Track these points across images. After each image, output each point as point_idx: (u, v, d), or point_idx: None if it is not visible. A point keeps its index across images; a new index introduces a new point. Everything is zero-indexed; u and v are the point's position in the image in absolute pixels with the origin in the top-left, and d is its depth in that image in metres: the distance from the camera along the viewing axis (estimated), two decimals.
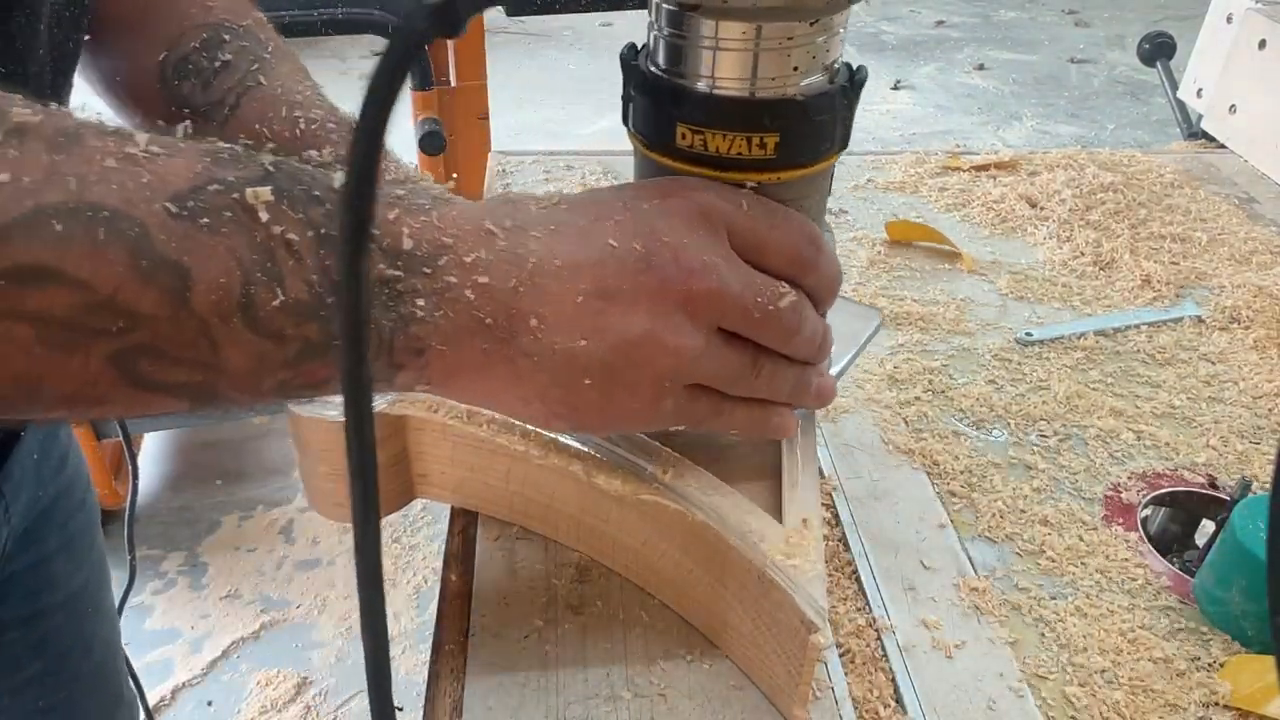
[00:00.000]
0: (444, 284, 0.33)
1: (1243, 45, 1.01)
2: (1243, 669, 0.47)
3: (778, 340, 0.40)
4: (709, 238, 0.38)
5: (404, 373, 0.34)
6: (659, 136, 0.41)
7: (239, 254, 0.29)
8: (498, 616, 0.48)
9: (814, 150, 0.41)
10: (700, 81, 0.39)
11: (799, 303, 0.40)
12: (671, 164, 0.41)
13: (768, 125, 0.39)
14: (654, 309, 0.36)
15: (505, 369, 0.36)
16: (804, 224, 0.41)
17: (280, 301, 0.30)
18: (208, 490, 1.94)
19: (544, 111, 3.64)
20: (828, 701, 0.45)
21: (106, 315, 0.28)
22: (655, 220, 0.37)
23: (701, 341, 0.38)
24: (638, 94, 0.42)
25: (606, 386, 0.37)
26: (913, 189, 0.95)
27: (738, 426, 0.42)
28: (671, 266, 0.36)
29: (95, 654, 0.72)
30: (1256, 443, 0.63)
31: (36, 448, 0.62)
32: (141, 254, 0.28)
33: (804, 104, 0.39)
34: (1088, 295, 0.78)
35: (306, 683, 1.57)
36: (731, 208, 0.39)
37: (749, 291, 0.38)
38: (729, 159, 0.40)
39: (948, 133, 3.64)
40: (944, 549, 0.54)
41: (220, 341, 0.30)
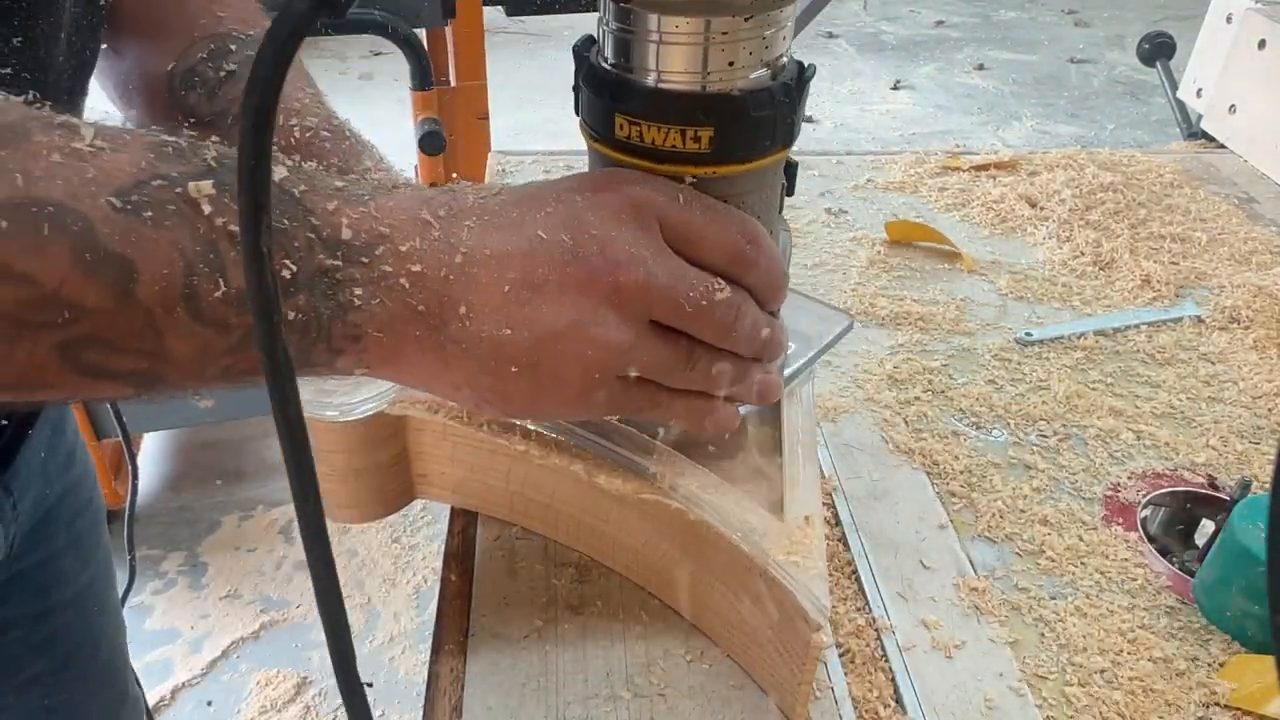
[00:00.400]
0: (380, 273, 0.34)
1: (1242, 45, 1.01)
2: (1243, 669, 0.47)
3: (713, 334, 0.40)
4: (639, 231, 0.38)
5: (343, 357, 0.35)
6: (602, 127, 0.42)
7: (182, 246, 0.30)
8: (498, 616, 0.48)
9: (752, 146, 0.41)
10: (643, 75, 0.40)
11: (733, 298, 0.40)
12: (613, 155, 0.42)
13: (702, 119, 0.39)
14: (580, 301, 0.37)
15: (436, 355, 0.36)
16: (742, 220, 0.41)
17: (222, 292, 0.31)
18: (208, 490, 1.94)
19: (544, 111, 3.64)
20: (828, 701, 0.45)
21: (52, 308, 0.29)
22: (585, 212, 0.38)
23: (630, 334, 0.38)
24: (584, 85, 0.42)
25: (533, 376, 0.37)
26: (913, 189, 0.95)
27: (676, 418, 0.42)
28: (598, 258, 0.37)
29: (102, 652, 0.72)
30: (1256, 443, 0.63)
31: (44, 445, 0.62)
32: (86, 248, 0.29)
33: (740, 99, 0.39)
34: (1088, 295, 0.78)
35: (306, 683, 1.57)
36: (665, 201, 0.39)
37: (679, 285, 0.38)
38: (665, 151, 0.40)
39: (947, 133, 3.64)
40: (944, 549, 0.54)
41: (165, 331, 0.31)
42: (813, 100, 4.48)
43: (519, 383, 0.37)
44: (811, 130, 3.66)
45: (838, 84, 4.04)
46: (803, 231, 0.86)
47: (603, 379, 0.38)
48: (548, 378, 0.37)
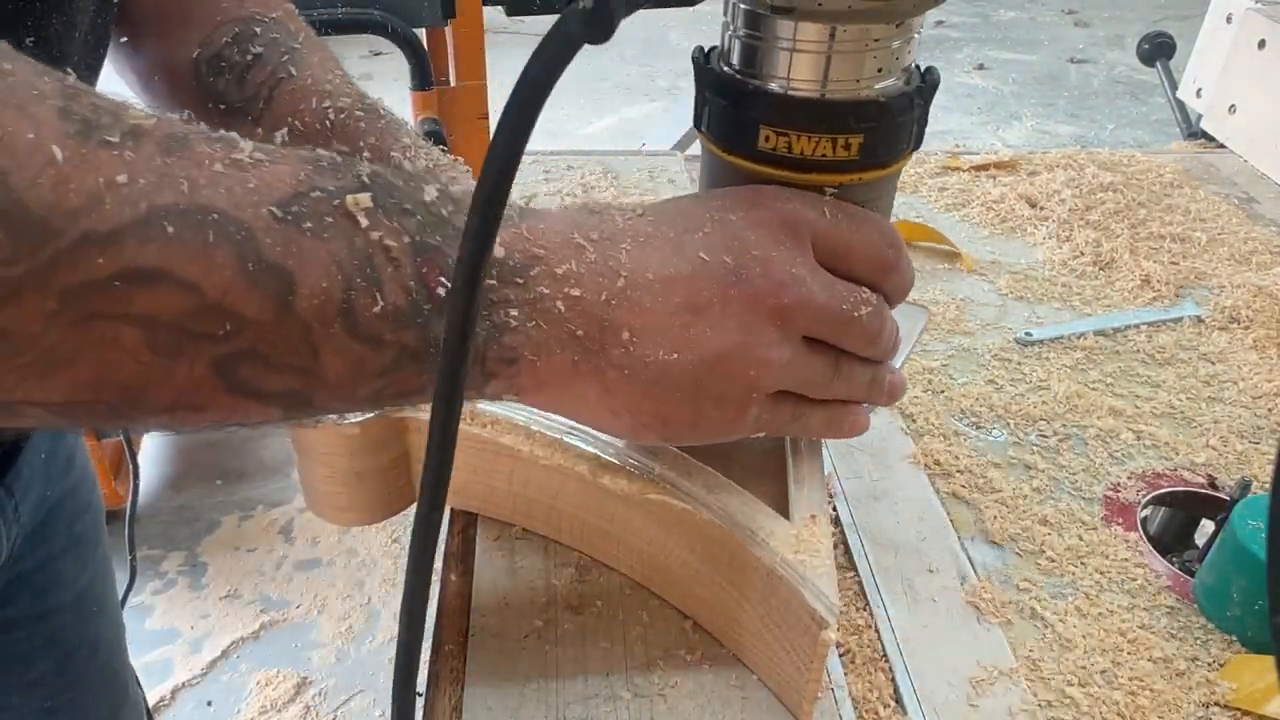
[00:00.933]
0: (536, 294, 0.34)
1: (1242, 45, 1.01)
2: (1243, 669, 0.47)
3: (860, 345, 0.40)
4: (795, 249, 0.38)
5: (495, 381, 0.35)
6: (739, 139, 0.41)
7: (340, 259, 0.30)
8: (498, 616, 0.48)
9: (894, 150, 0.41)
10: (781, 84, 0.40)
11: (881, 307, 0.40)
12: (752, 167, 0.41)
13: (852, 126, 0.39)
14: (745, 322, 0.37)
15: (595, 380, 0.36)
16: (884, 227, 0.41)
17: (380, 308, 0.30)
18: (208, 490, 1.94)
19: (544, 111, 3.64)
20: (828, 701, 0.45)
21: (214, 319, 0.28)
22: (743, 232, 0.38)
23: (789, 352, 0.38)
24: (714, 96, 0.41)
25: (696, 398, 0.37)
26: (913, 189, 0.95)
27: (815, 429, 0.42)
28: (761, 280, 0.37)
29: (101, 653, 0.72)
30: (1256, 443, 0.63)
31: (45, 447, 0.62)
32: (248, 257, 0.28)
33: (887, 104, 0.39)
34: (1088, 295, 0.78)
35: (306, 683, 1.57)
36: (815, 216, 0.39)
37: (834, 301, 0.38)
38: (812, 161, 0.40)
39: (948, 133, 3.63)
40: (944, 549, 0.54)
41: (321, 347, 0.30)
42: None
43: (681, 406, 0.37)
44: None
45: None
46: None
47: (758, 398, 0.39)
48: (710, 399, 0.38)
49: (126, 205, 0.26)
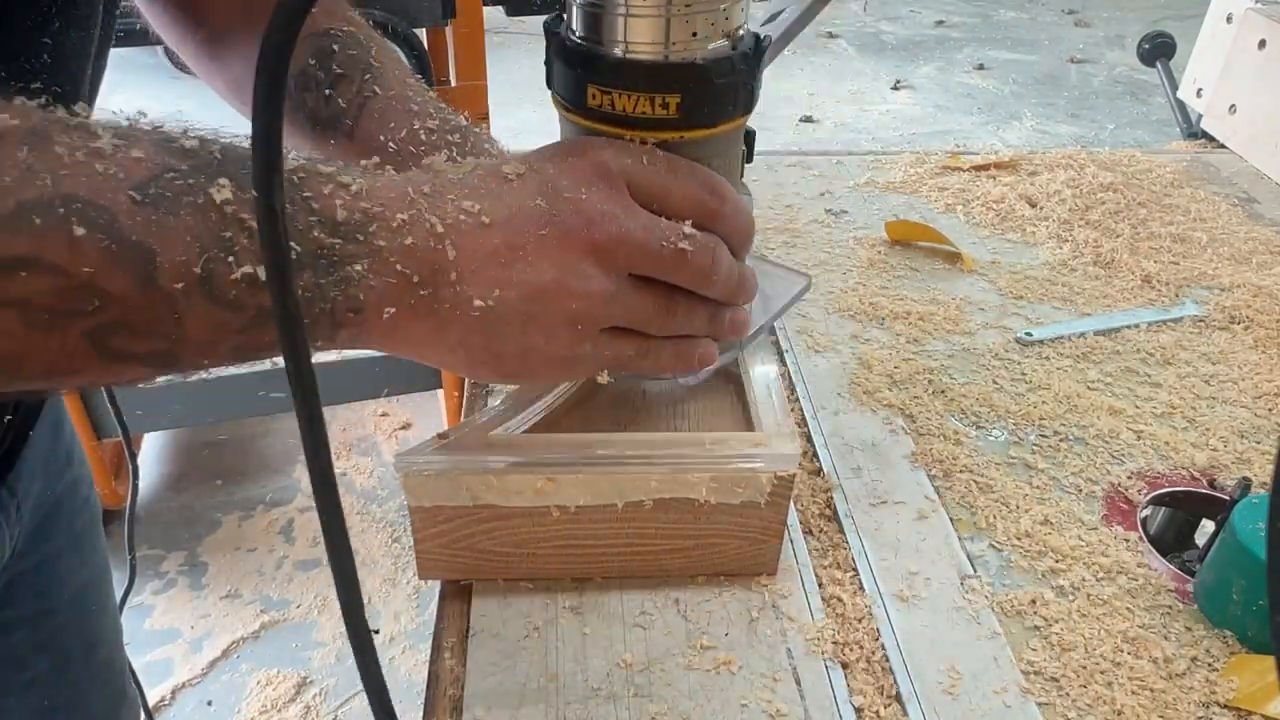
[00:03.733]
0: (374, 247, 0.37)
1: (1243, 45, 1.01)
2: (1243, 669, 0.47)
3: (691, 279, 0.43)
4: (608, 190, 0.41)
5: (345, 330, 0.38)
6: (574, 97, 0.44)
7: (198, 234, 0.32)
8: (498, 616, 0.48)
9: (716, 112, 0.44)
10: (612, 47, 0.43)
11: (710, 244, 0.43)
12: (585, 123, 0.45)
13: (670, 86, 0.42)
14: (560, 258, 0.40)
15: (431, 321, 0.39)
16: (704, 174, 0.44)
17: (236, 274, 0.33)
18: (208, 490, 1.94)
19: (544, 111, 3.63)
20: (828, 701, 0.45)
21: (82, 296, 0.31)
22: (557, 178, 0.41)
23: (611, 285, 0.41)
24: (555, 59, 0.45)
25: (522, 333, 0.40)
26: (913, 189, 0.95)
27: (664, 364, 0.46)
28: (573, 218, 0.40)
29: (100, 652, 0.72)
30: (1256, 443, 0.63)
31: (45, 446, 0.62)
32: (110, 239, 0.31)
33: (705, 67, 0.42)
34: (1088, 295, 0.78)
35: (306, 683, 1.57)
36: (630, 161, 0.42)
37: (652, 235, 0.41)
38: (635, 118, 0.43)
39: (948, 133, 3.64)
40: (944, 549, 0.54)
41: (184, 314, 0.33)
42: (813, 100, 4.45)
43: (510, 342, 0.40)
44: (811, 130, 3.66)
45: (838, 84, 4.04)
46: (802, 231, 0.86)
47: (586, 330, 0.41)
48: (536, 334, 0.40)
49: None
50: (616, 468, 0.46)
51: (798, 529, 0.54)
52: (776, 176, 0.97)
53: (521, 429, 0.49)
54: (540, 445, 0.47)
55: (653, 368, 0.45)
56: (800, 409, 0.64)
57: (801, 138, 3.60)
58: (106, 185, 0.31)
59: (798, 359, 0.69)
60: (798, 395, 0.65)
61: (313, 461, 0.30)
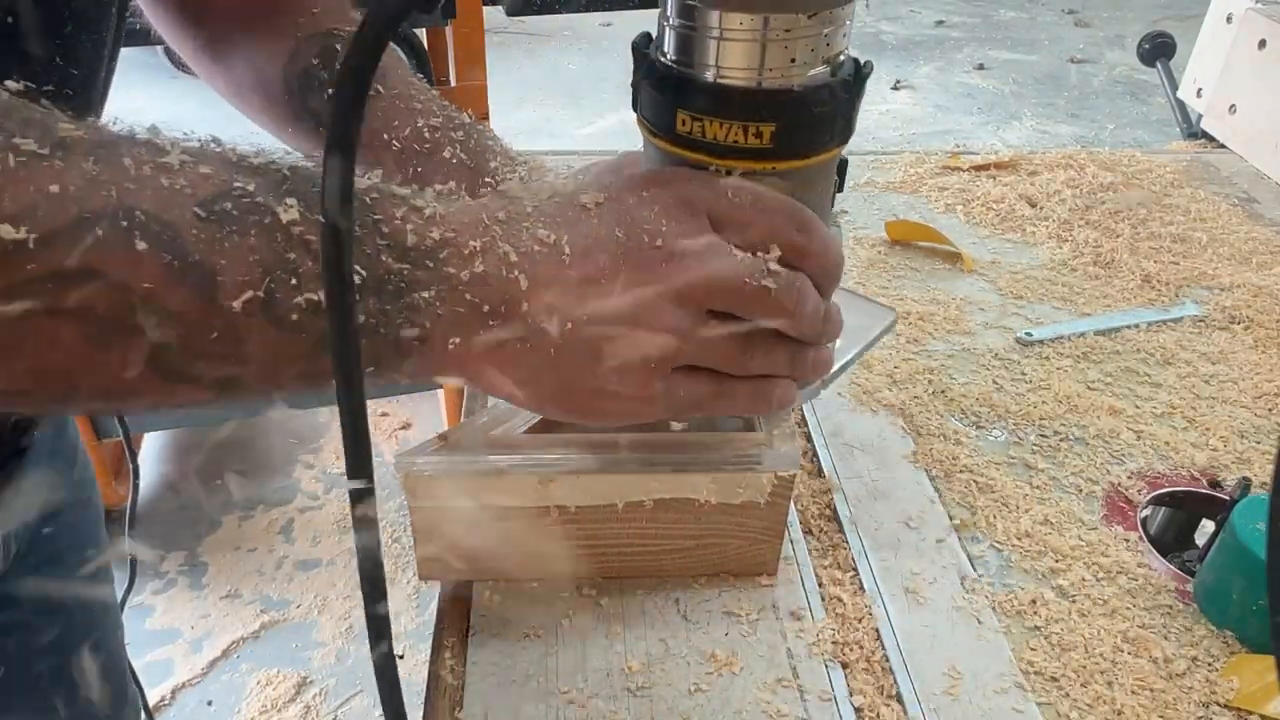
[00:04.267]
0: (444, 274, 0.35)
1: (1243, 45, 1.01)
2: (1243, 669, 0.47)
3: (775, 317, 0.41)
4: (690, 223, 0.39)
5: (410, 360, 0.36)
6: (661, 122, 0.42)
7: (261, 255, 0.32)
8: (498, 616, 0.48)
9: (811, 141, 0.41)
10: (704, 71, 0.41)
11: (795, 281, 0.40)
12: (673, 150, 0.42)
13: (764, 115, 0.40)
14: (635, 293, 0.38)
15: (500, 354, 0.38)
16: (791, 207, 0.41)
17: (299, 299, 0.32)
18: (208, 490, 1.94)
19: (544, 111, 3.64)
20: (828, 701, 0.45)
21: (142, 314, 0.30)
22: (637, 210, 0.39)
23: (687, 324, 0.39)
24: (644, 81, 0.43)
25: (593, 370, 0.39)
26: (913, 189, 0.95)
27: (740, 405, 0.43)
28: (650, 251, 0.38)
29: (101, 652, 0.73)
30: (1256, 443, 0.63)
31: (49, 445, 0.62)
32: (174, 255, 0.30)
33: (801, 95, 0.40)
34: (1088, 295, 0.78)
35: (306, 683, 1.57)
36: (712, 194, 0.40)
37: (731, 271, 0.39)
38: (725, 146, 0.41)
39: (948, 133, 3.64)
40: (944, 549, 0.54)
41: (244, 336, 0.32)
42: None
43: (581, 378, 0.39)
44: None
45: None
46: None
47: (659, 370, 0.39)
48: (608, 371, 0.39)
49: (58, 212, 0.28)
50: (617, 468, 0.46)
51: (798, 529, 0.54)
52: None
53: (521, 429, 0.49)
54: (540, 446, 0.47)
55: (728, 410, 0.43)
56: (800, 409, 0.64)
57: None
58: (172, 200, 0.30)
59: None
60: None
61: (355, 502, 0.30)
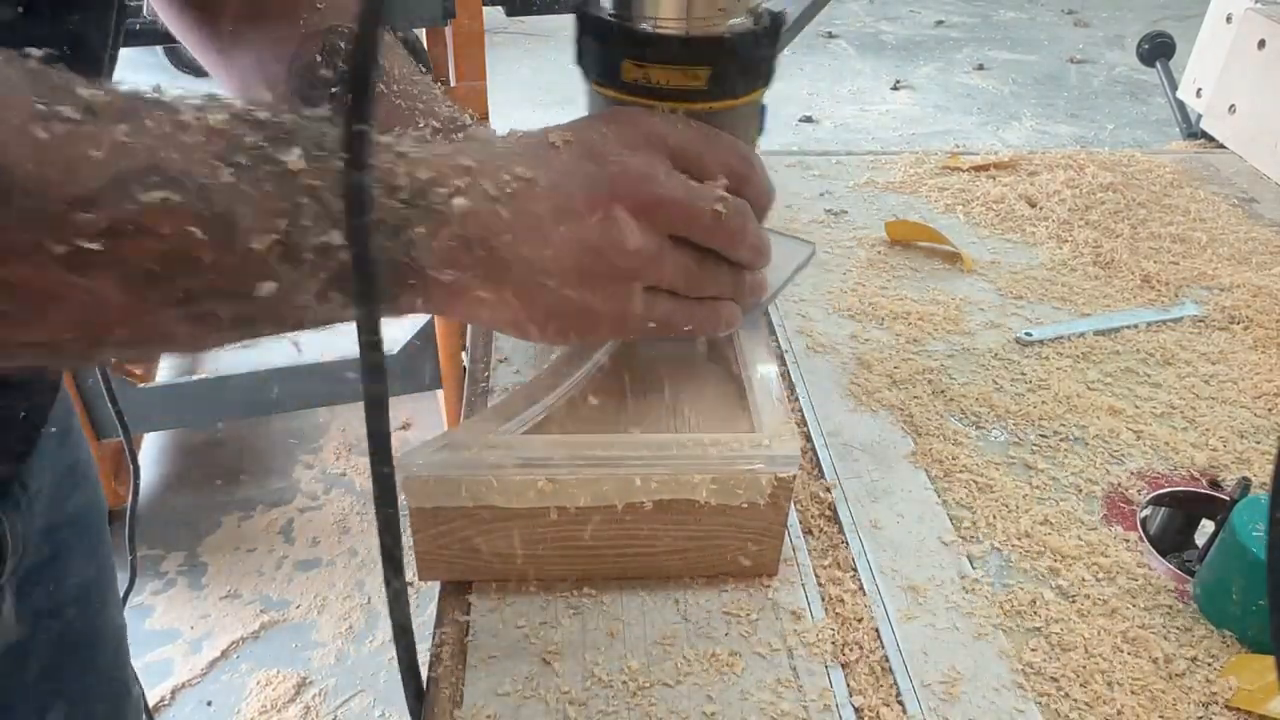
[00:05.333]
0: (434, 211, 0.38)
1: (1242, 45, 1.01)
2: (1243, 669, 0.47)
3: (724, 242, 0.46)
4: (651, 155, 0.44)
5: (407, 294, 0.39)
6: (608, 73, 0.47)
7: (276, 202, 0.34)
8: (498, 616, 0.48)
9: (741, 84, 0.47)
10: (645, 23, 0.46)
11: (741, 207, 0.45)
12: (619, 96, 0.47)
13: (700, 60, 0.45)
14: (609, 217, 0.42)
15: (491, 283, 0.41)
16: (734, 142, 0.47)
17: (313, 241, 0.35)
18: (208, 490, 1.94)
19: (544, 111, 3.64)
20: (828, 701, 0.45)
21: (176, 261, 0.32)
22: (603, 145, 0.43)
23: (655, 244, 0.44)
24: (587, 36, 0.48)
25: (578, 290, 0.43)
26: (913, 189, 0.95)
27: (697, 324, 0.48)
28: (620, 180, 0.42)
29: (104, 650, 0.73)
30: (1256, 443, 0.63)
31: (55, 442, 0.63)
32: (204, 205, 0.32)
33: (732, 41, 0.46)
34: (1088, 295, 0.78)
35: (306, 683, 1.58)
36: (669, 129, 0.45)
37: (692, 197, 0.44)
38: (668, 90, 0.46)
39: (947, 133, 3.64)
40: (944, 549, 0.54)
41: (266, 276, 0.34)
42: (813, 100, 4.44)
43: (566, 300, 0.43)
44: (811, 130, 3.66)
45: (838, 84, 4.04)
46: (802, 231, 0.86)
47: (635, 287, 0.44)
48: (590, 290, 0.43)
49: (99, 172, 0.30)
50: (617, 469, 0.46)
51: (798, 529, 0.54)
52: (776, 176, 0.96)
53: (521, 430, 0.49)
54: (540, 447, 0.47)
55: (685, 327, 0.48)
56: (800, 409, 0.64)
57: (801, 138, 3.60)
58: (194, 155, 0.32)
59: (798, 359, 0.69)
60: (798, 395, 0.65)
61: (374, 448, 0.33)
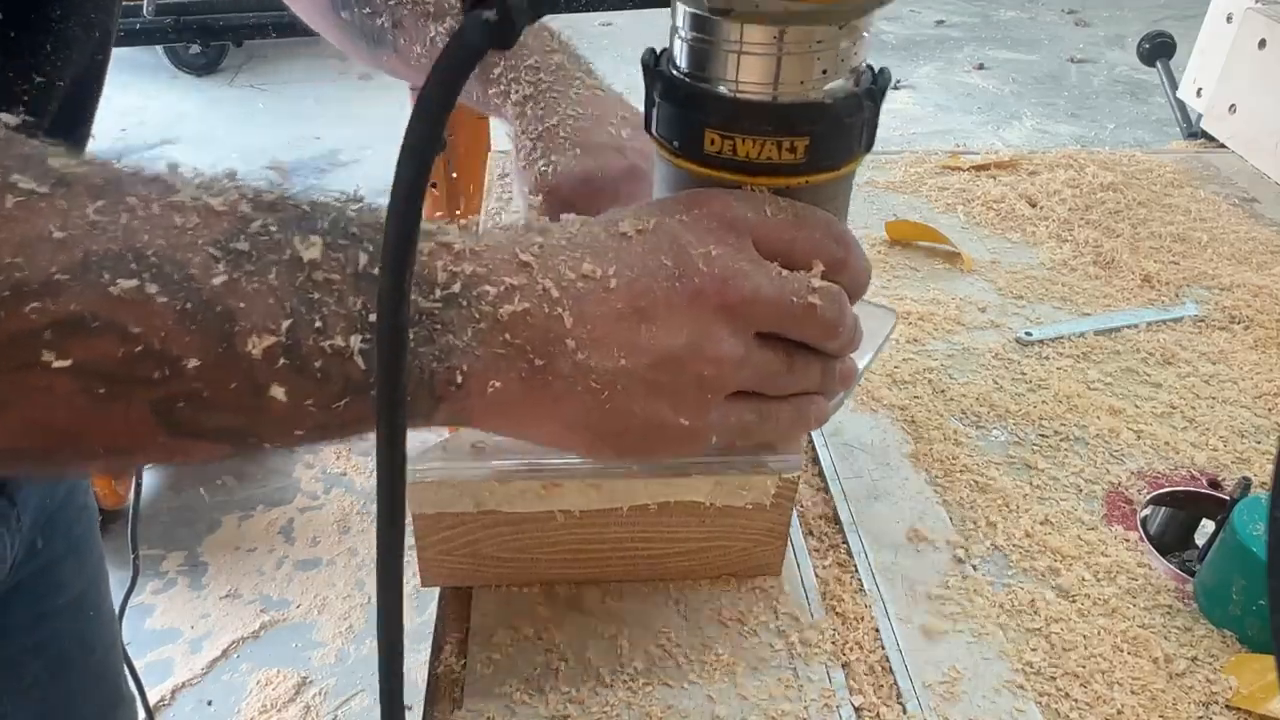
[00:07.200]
0: (480, 313, 0.33)
1: (1243, 45, 1.01)
2: (1243, 669, 0.47)
3: (818, 335, 0.40)
4: (736, 245, 0.38)
5: (445, 405, 0.34)
6: (686, 142, 0.40)
7: (282, 297, 0.29)
8: (498, 617, 0.48)
9: (841, 153, 0.41)
10: (726, 86, 0.39)
11: (837, 296, 0.40)
12: (699, 170, 0.41)
13: (797, 129, 0.39)
14: (692, 319, 0.36)
15: (544, 395, 0.35)
16: (829, 222, 0.40)
17: (325, 343, 0.30)
18: (208, 490, 1.94)
19: None
20: (828, 701, 0.45)
21: (150, 363, 0.28)
22: (681, 234, 0.37)
23: (741, 347, 0.38)
24: (662, 99, 0.41)
25: (650, 404, 0.37)
26: (913, 189, 0.95)
27: (784, 424, 0.42)
28: (704, 277, 0.36)
29: (96, 655, 0.72)
30: (1256, 443, 0.63)
31: None
32: (188, 299, 0.28)
33: (833, 107, 0.39)
34: (1088, 295, 0.78)
35: (306, 683, 1.58)
36: (755, 213, 0.39)
37: (782, 292, 0.38)
38: (758, 164, 0.39)
39: (948, 132, 3.64)
40: (944, 549, 0.54)
41: (264, 384, 0.30)
42: None
43: (635, 415, 0.37)
44: None
45: None
46: None
47: (714, 398, 0.38)
48: (664, 404, 0.37)
49: (61, 254, 0.26)
50: (620, 471, 0.46)
51: (798, 529, 0.54)
52: None
53: None
54: (543, 450, 0.46)
55: (772, 434, 0.42)
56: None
57: None
58: (183, 240, 0.28)
59: None
60: None
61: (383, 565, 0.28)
